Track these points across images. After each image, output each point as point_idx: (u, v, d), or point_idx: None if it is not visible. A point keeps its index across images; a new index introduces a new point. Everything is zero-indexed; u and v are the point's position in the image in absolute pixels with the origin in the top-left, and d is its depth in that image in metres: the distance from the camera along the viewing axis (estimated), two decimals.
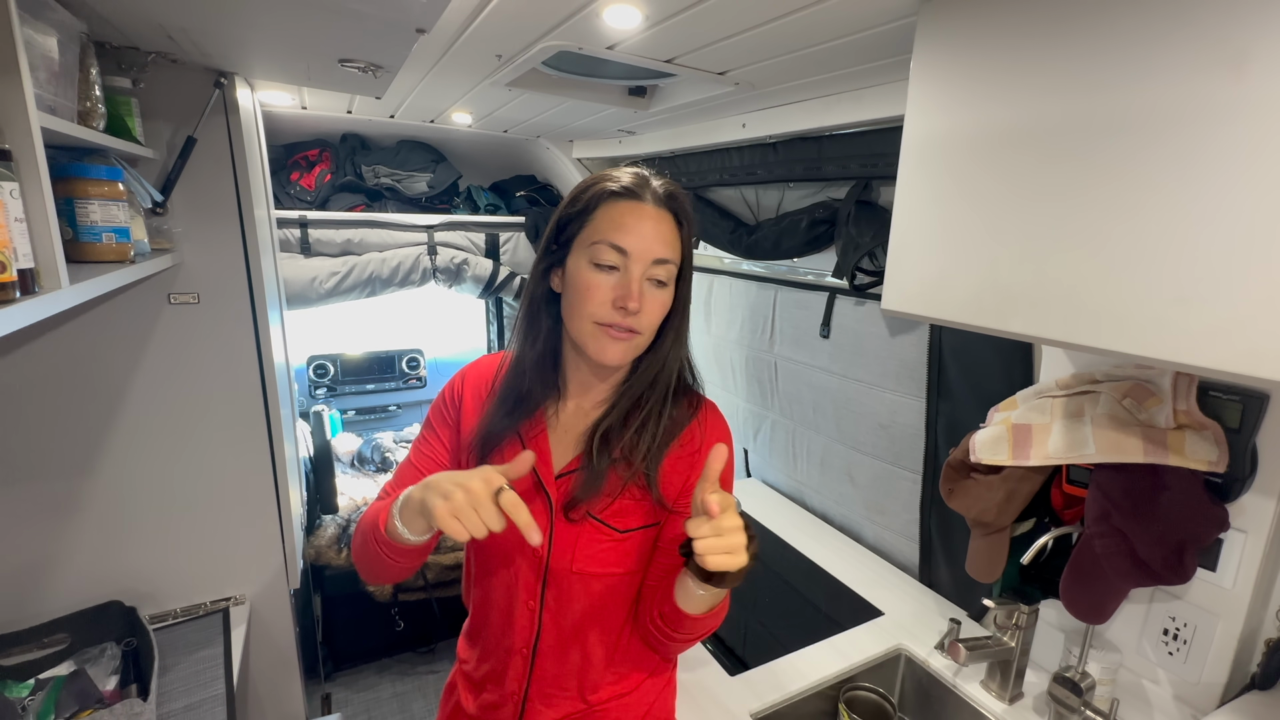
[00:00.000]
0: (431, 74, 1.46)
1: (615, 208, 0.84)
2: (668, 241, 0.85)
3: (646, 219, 0.84)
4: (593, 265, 0.84)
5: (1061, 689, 1.11)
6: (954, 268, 0.93)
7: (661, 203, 0.85)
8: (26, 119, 0.72)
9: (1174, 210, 0.69)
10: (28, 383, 1.33)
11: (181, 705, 1.26)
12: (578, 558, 0.89)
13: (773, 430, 2.21)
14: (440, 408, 1.00)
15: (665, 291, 0.86)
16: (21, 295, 0.70)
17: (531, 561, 0.92)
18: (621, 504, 0.90)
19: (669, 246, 0.85)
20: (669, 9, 0.97)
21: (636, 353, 0.88)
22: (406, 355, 3.27)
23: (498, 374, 0.97)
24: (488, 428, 0.93)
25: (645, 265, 0.83)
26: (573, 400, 0.95)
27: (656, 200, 0.85)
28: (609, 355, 0.85)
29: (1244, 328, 0.65)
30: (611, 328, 0.84)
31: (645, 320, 0.85)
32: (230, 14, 0.98)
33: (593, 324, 0.85)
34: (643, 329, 0.85)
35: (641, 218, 0.83)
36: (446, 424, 0.98)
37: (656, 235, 0.84)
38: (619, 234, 0.83)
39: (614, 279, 0.83)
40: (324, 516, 2.39)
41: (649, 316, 0.85)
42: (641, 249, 0.83)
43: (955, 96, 0.91)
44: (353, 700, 2.46)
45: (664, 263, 0.84)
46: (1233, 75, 0.64)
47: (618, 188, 0.85)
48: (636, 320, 0.84)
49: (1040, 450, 1.08)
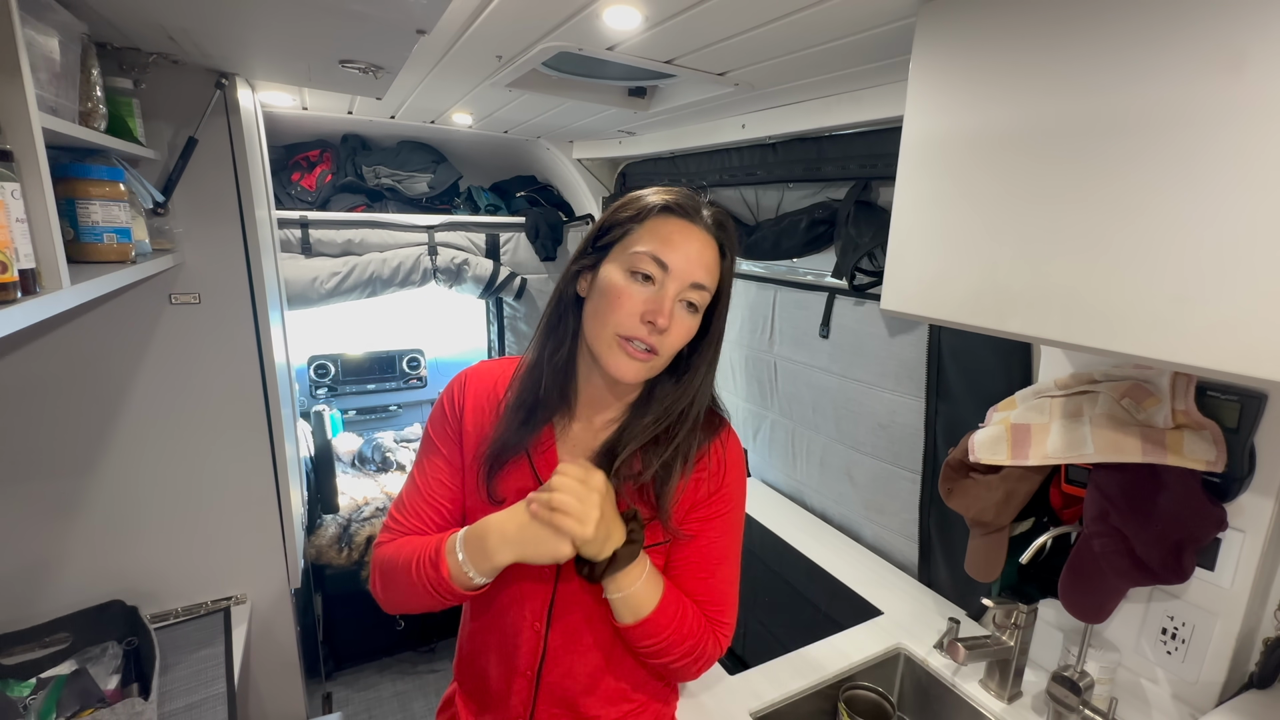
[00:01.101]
0: (432, 75, 1.46)
1: (666, 223, 0.83)
2: (709, 268, 0.83)
3: (694, 240, 0.82)
4: (629, 274, 0.82)
5: (1060, 688, 1.11)
6: (953, 268, 0.93)
7: (711, 229, 0.84)
8: (28, 119, 0.72)
9: (1172, 211, 0.69)
10: (29, 383, 1.33)
11: (183, 704, 1.27)
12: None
13: (772, 430, 2.22)
14: (440, 423, 0.95)
15: (694, 318, 0.84)
16: (23, 295, 0.70)
17: (539, 582, 0.91)
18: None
19: (709, 273, 0.83)
20: (669, 10, 0.97)
21: (652, 374, 0.86)
22: (407, 355, 3.27)
23: (511, 382, 0.93)
24: (502, 439, 0.89)
25: (682, 285, 0.81)
26: (583, 416, 0.93)
27: (707, 226, 0.84)
28: (625, 371, 0.82)
29: (1242, 328, 0.65)
30: (631, 343, 0.81)
31: (669, 342, 0.83)
32: (231, 15, 0.98)
33: (614, 334, 0.82)
34: (663, 351, 0.83)
35: (690, 238, 0.82)
36: (449, 439, 0.94)
37: (700, 259, 0.82)
38: (664, 248, 0.81)
39: (648, 292, 0.81)
40: (325, 516, 2.39)
41: (674, 339, 0.83)
42: (683, 268, 0.81)
43: (954, 97, 0.91)
44: (353, 699, 2.47)
45: (700, 288, 0.83)
46: (1231, 77, 0.64)
47: (673, 203, 0.84)
48: (661, 340, 0.82)
49: (1039, 450, 1.08)
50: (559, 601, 0.91)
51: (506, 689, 0.95)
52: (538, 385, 0.90)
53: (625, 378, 0.83)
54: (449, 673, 1.10)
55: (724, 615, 0.93)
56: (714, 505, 0.92)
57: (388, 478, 2.74)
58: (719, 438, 0.93)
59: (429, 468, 0.95)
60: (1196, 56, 0.67)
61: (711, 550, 0.92)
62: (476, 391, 0.95)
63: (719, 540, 0.93)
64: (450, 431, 0.94)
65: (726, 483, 0.92)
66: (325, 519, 2.38)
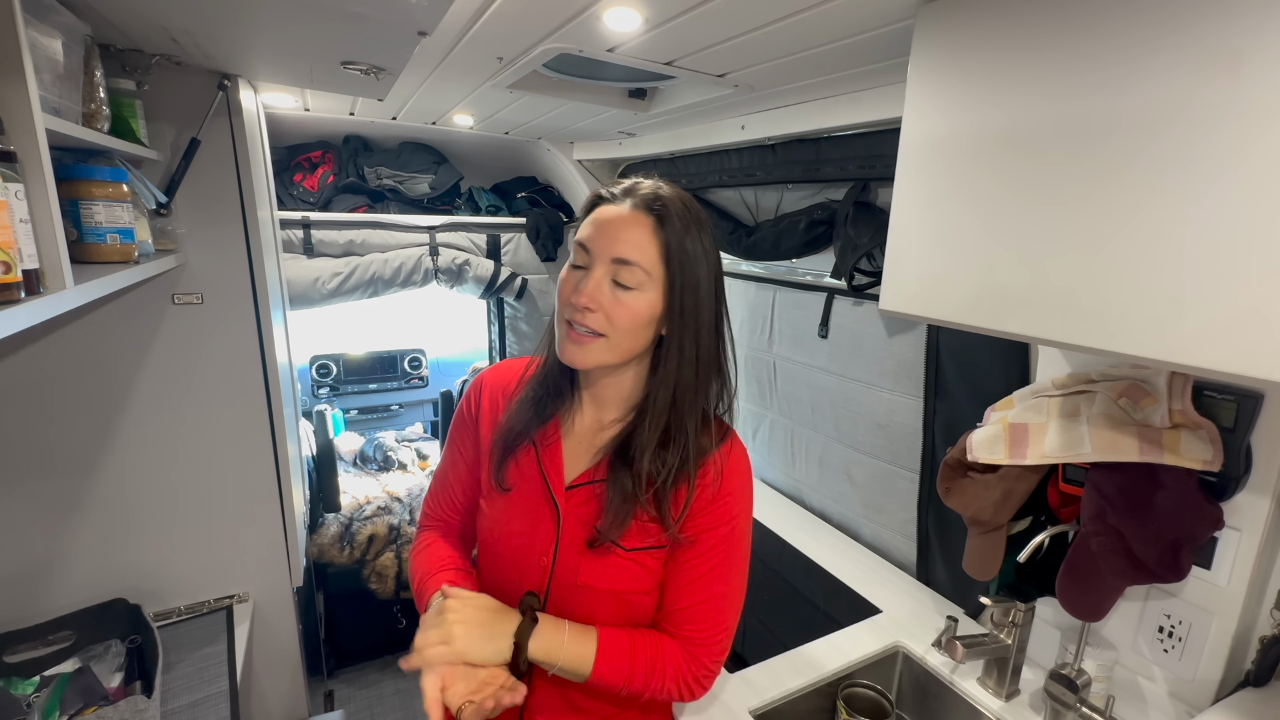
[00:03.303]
0: (433, 76, 1.47)
1: (596, 211, 0.86)
2: (635, 243, 0.82)
3: (616, 220, 0.83)
4: (569, 266, 0.87)
5: (1058, 686, 1.12)
6: (951, 268, 0.93)
7: (638, 205, 0.84)
8: (31, 121, 0.72)
9: (1169, 212, 0.70)
10: (33, 382, 1.34)
11: (185, 702, 1.27)
12: (582, 571, 0.89)
13: (771, 429, 2.22)
14: (460, 421, 1.03)
15: (633, 296, 0.83)
16: (26, 295, 0.70)
17: (536, 572, 0.92)
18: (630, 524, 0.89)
19: (635, 247, 0.82)
20: (668, 12, 0.98)
21: (604, 357, 0.85)
22: (408, 355, 3.28)
23: (520, 379, 0.99)
24: (510, 428, 0.94)
25: (605, 264, 0.83)
26: (589, 412, 0.95)
27: (635, 204, 0.84)
28: (567, 354, 0.86)
29: (1239, 328, 0.66)
30: (572, 327, 0.84)
31: (603, 320, 0.83)
32: (233, 17, 0.99)
33: (562, 321, 0.86)
34: (605, 330, 0.83)
35: (612, 218, 0.84)
36: (468, 438, 1.02)
37: (619, 234, 0.83)
38: (588, 233, 0.85)
39: (578, 277, 0.85)
40: (327, 515, 2.40)
41: (610, 318, 0.83)
42: (604, 247, 0.83)
43: (953, 99, 0.91)
44: (355, 697, 2.48)
45: (624, 263, 0.82)
46: (1227, 78, 0.65)
47: (606, 193, 0.87)
48: (595, 320, 0.83)
49: (1036, 449, 1.09)
50: (555, 590, 0.92)
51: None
52: (546, 380, 0.96)
53: (569, 361, 0.86)
54: None
55: (711, 637, 0.92)
56: (714, 514, 0.90)
57: (389, 477, 2.74)
58: (724, 445, 0.92)
59: (448, 463, 1.05)
60: (1193, 58, 0.67)
61: (706, 570, 0.91)
62: (492, 389, 1.01)
63: (716, 559, 0.91)
64: (466, 432, 1.02)
65: (725, 492, 0.90)
66: (327, 518, 2.39)
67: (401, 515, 2.48)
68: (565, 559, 0.90)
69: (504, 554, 0.95)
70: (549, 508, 0.92)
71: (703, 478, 0.90)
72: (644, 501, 0.88)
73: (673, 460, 0.87)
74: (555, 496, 0.91)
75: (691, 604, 0.91)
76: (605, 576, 0.90)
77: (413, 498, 2.59)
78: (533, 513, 0.93)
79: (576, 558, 0.90)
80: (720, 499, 0.91)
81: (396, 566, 2.38)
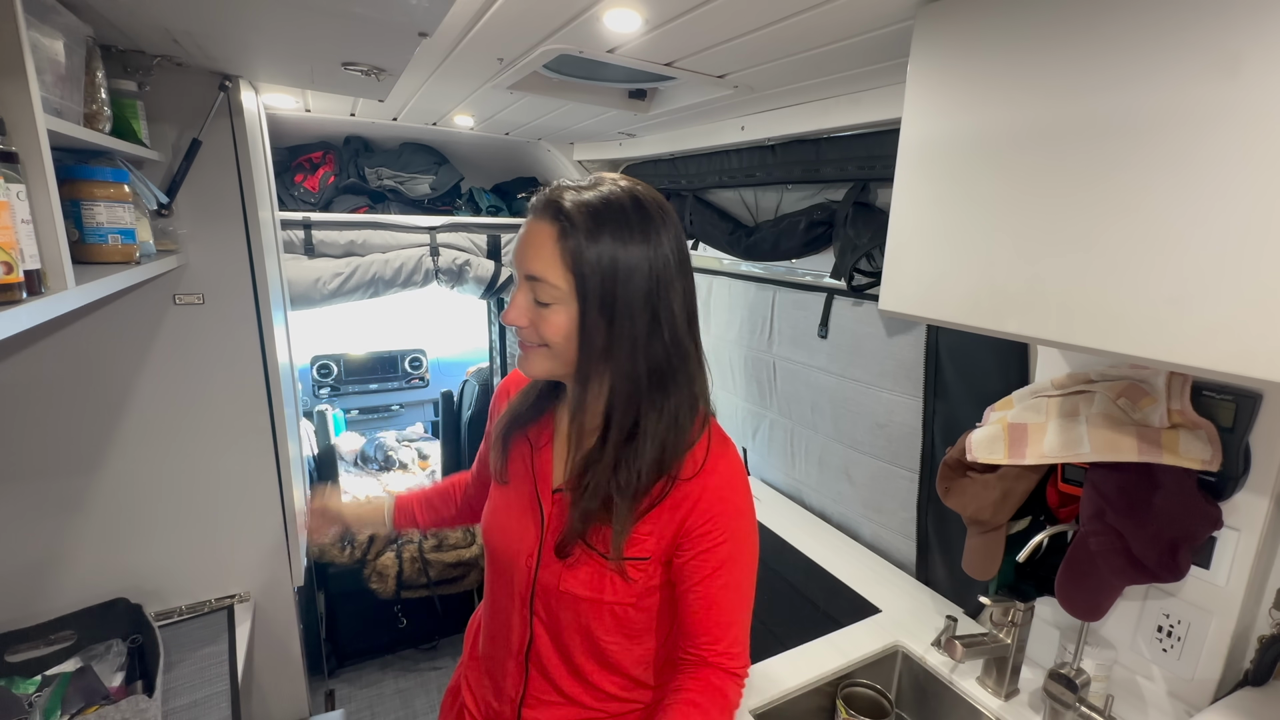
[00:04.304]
0: (434, 77, 1.47)
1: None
2: (543, 257, 0.79)
3: (527, 234, 0.82)
4: None
5: (1057, 685, 1.12)
6: (950, 269, 0.94)
7: (542, 214, 0.80)
8: (33, 121, 0.72)
9: (1168, 212, 0.70)
10: (34, 382, 1.34)
11: (186, 701, 1.28)
12: (564, 577, 0.88)
13: (771, 429, 2.22)
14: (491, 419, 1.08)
15: (552, 311, 0.80)
16: (28, 296, 0.70)
17: (524, 573, 0.92)
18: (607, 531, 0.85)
19: (543, 262, 0.79)
20: (668, 13, 0.98)
21: (555, 366, 0.85)
22: (409, 355, 3.29)
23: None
24: (508, 419, 0.99)
25: (523, 280, 0.82)
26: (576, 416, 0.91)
27: (539, 213, 0.81)
28: (522, 366, 0.88)
29: (1237, 328, 0.66)
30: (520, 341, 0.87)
31: (537, 333, 0.82)
32: (234, 17, 0.99)
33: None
34: (546, 340, 0.82)
35: (525, 234, 0.82)
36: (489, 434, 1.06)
37: (529, 250, 0.80)
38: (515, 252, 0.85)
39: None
40: None
41: (543, 331, 0.82)
42: (520, 264, 0.82)
43: (952, 100, 0.91)
44: (356, 696, 2.48)
45: (534, 279, 0.80)
46: (1225, 80, 0.65)
47: (530, 205, 0.85)
48: (528, 335, 0.84)
49: (1036, 449, 1.09)
50: (540, 591, 0.91)
51: (502, 670, 0.98)
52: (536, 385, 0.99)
53: (522, 372, 0.90)
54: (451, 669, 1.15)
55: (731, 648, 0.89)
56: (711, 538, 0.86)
57: (390, 476, 2.75)
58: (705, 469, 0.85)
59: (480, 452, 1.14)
60: (1192, 59, 0.67)
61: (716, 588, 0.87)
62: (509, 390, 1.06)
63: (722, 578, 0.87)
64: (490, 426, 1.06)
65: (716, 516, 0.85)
66: None
67: None
68: (548, 563, 0.90)
69: (498, 549, 0.97)
70: (535, 509, 0.92)
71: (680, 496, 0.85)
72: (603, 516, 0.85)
73: (628, 480, 0.83)
74: (541, 499, 0.92)
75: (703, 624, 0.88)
76: (586, 584, 0.87)
77: None
78: (523, 511, 0.94)
79: (558, 563, 0.88)
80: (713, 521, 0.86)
81: (397, 566, 2.38)
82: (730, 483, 0.87)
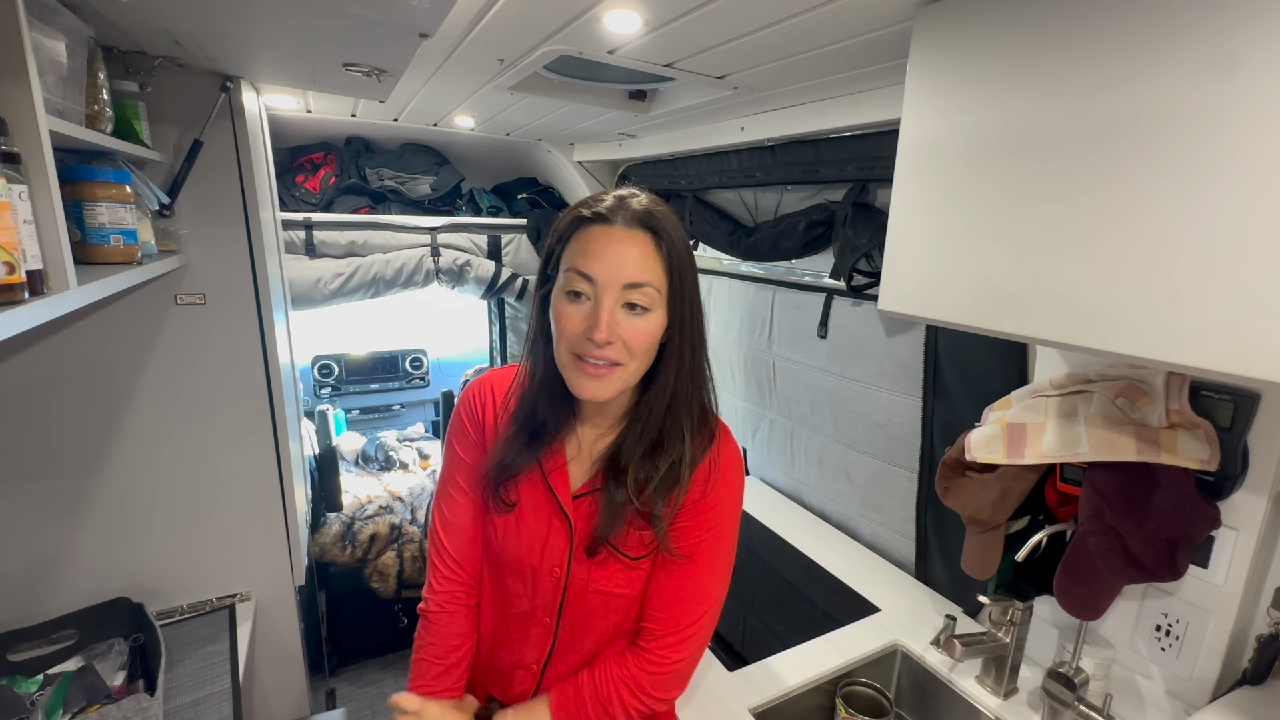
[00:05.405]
0: (434, 78, 1.47)
1: (586, 233, 0.81)
2: (641, 264, 0.79)
3: (614, 243, 0.79)
4: (565, 294, 0.81)
5: (1055, 684, 1.12)
6: (949, 269, 0.94)
7: (633, 223, 0.80)
8: (35, 122, 0.73)
9: (1166, 213, 0.70)
10: (36, 382, 1.35)
11: (188, 700, 1.28)
12: (594, 578, 0.91)
13: (771, 429, 2.23)
14: (463, 432, 0.98)
15: (647, 317, 0.81)
16: (30, 296, 0.71)
17: (551, 580, 0.93)
18: (630, 532, 0.90)
19: (642, 268, 0.79)
20: (668, 14, 0.98)
21: (623, 384, 0.84)
22: (410, 355, 3.29)
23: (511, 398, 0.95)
24: (505, 459, 0.91)
25: (616, 291, 0.79)
26: (589, 424, 0.94)
27: (627, 222, 0.80)
28: (586, 390, 0.82)
29: (1235, 328, 0.66)
30: (585, 361, 0.81)
31: (621, 350, 0.80)
32: (236, 19, 0.99)
33: (570, 355, 0.82)
34: (624, 359, 0.81)
35: (609, 242, 0.79)
36: (472, 447, 0.97)
37: (625, 259, 0.79)
38: (587, 260, 0.79)
39: (585, 309, 0.80)
40: (329, 514, 2.41)
41: (628, 346, 0.81)
42: (608, 275, 0.79)
43: (951, 100, 0.92)
44: (356, 695, 2.48)
45: (638, 286, 0.79)
46: (1223, 81, 0.65)
47: (589, 213, 0.81)
48: (613, 351, 0.80)
49: (1034, 449, 1.09)
50: (570, 597, 0.93)
51: (509, 680, 0.99)
52: (535, 413, 0.92)
53: (590, 397, 0.83)
54: None
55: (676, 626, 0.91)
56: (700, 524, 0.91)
57: (391, 476, 2.75)
58: (714, 450, 0.91)
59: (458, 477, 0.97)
60: (1190, 60, 0.68)
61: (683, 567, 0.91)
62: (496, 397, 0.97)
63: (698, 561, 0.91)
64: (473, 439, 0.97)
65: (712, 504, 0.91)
66: (329, 517, 2.40)
67: (403, 514, 2.49)
68: (579, 568, 0.91)
69: (523, 566, 0.94)
70: (561, 519, 0.92)
71: (693, 485, 0.89)
72: (637, 506, 0.88)
73: (664, 465, 0.87)
74: (565, 508, 0.91)
75: (663, 597, 0.92)
76: (617, 581, 0.91)
77: (414, 497, 2.59)
78: (544, 525, 0.93)
79: (589, 565, 0.91)
80: (707, 509, 0.91)
81: (398, 565, 2.39)
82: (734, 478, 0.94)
